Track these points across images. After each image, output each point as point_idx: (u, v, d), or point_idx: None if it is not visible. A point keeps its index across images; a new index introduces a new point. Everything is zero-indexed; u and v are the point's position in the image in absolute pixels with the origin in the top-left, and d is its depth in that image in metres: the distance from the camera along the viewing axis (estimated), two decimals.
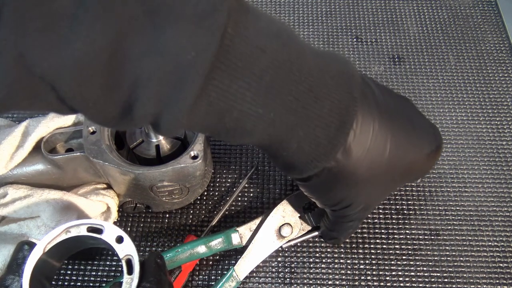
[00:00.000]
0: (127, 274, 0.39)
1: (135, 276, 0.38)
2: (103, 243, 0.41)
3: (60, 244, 0.40)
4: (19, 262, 0.39)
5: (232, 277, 0.52)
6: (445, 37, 0.73)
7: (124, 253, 0.40)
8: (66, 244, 0.41)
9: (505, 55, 0.71)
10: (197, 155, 0.47)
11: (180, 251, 0.52)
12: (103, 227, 0.41)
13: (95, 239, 0.41)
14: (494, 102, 0.66)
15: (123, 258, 0.39)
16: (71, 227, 0.41)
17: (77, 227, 0.41)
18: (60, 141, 0.51)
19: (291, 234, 0.54)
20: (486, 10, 0.75)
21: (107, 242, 0.40)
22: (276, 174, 0.61)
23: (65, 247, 0.42)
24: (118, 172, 0.48)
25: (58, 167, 0.50)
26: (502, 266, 0.55)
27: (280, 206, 0.55)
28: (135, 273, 0.39)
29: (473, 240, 0.56)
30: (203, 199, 0.60)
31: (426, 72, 0.70)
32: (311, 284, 0.54)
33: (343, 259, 0.56)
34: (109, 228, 0.41)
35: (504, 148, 0.63)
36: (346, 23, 0.75)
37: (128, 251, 0.40)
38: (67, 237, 0.40)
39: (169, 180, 0.49)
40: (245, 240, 0.54)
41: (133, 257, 0.39)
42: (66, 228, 0.40)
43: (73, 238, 0.41)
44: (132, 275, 0.39)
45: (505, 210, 0.58)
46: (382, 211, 0.58)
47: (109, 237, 0.40)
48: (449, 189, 0.60)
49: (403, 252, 0.56)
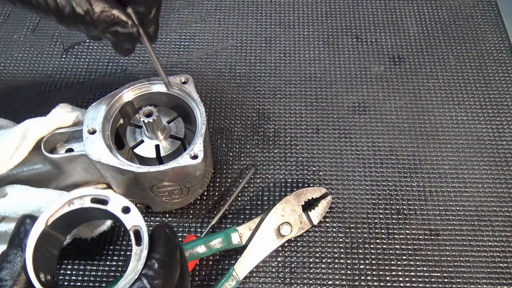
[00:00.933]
0: (136, 246, 0.37)
1: (144, 247, 0.36)
2: (109, 215, 0.39)
3: (64, 216, 0.38)
4: (21, 236, 0.37)
5: (232, 277, 0.52)
6: (445, 37, 0.73)
7: (132, 224, 0.38)
8: (70, 217, 0.39)
9: (505, 55, 0.71)
10: (197, 155, 0.47)
11: None
12: (108, 198, 0.39)
13: (100, 210, 0.39)
14: (494, 102, 0.66)
15: (130, 229, 0.37)
16: (74, 199, 0.39)
17: (80, 199, 0.39)
18: (60, 141, 0.51)
19: (291, 233, 0.54)
20: (486, 10, 0.75)
21: (113, 213, 0.38)
22: (276, 174, 0.61)
23: (69, 219, 0.40)
24: (118, 172, 0.47)
25: (58, 167, 0.50)
26: (502, 266, 0.55)
27: (279, 205, 0.55)
28: (144, 243, 0.37)
29: (473, 240, 0.56)
30: (203, 199, 0.60)
31: (426, 72, 0.70)
32: (311, 284, 0.54)
33: (343, 259, 0.56)
34: (114, 199, 0.39)
35: (504, 148, 0.63)
36: (346, 23, 0.75)
37: (136, 222, 0.38)
38: (71, 209, 0.38)
39: (169, 180, 0.49)
40: (244, 239, 0.54)
41: (141, 228, 0.37)
42: (69, 199, 0.38)
43: (76, 210, 0.39)
44: (141, 246, 0.37)
45: (505, 210, 0.58)
46: (382, 211, 0.58)
47: (115, 208, 0.38)
48: (449, 189, 0.60)
49: (403, 252, 0.56)
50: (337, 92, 0.68)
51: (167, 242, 0.38)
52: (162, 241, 0.38)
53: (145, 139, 0.51)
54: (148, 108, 0.48)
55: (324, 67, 0.70)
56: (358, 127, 0.65)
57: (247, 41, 0.73)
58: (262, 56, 0.72)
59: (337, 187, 0.60)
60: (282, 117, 0.66)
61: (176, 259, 0.38)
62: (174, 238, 0.39)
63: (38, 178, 0.52)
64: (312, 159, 0.62)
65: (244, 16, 0.76)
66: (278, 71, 0.70)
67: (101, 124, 0.48)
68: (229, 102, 0.67)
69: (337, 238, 0.57)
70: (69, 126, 0.51)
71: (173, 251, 0.38)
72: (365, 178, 0.61)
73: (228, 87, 0.69)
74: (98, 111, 0.49)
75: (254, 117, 0.66)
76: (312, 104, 0.67)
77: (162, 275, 0.36)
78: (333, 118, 0.66)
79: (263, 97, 0.68)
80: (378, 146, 0.63)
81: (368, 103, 0.67)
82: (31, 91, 0.68)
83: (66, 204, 0.38)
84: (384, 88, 0.68)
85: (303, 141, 0.64)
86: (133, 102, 0.52)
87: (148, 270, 0.36)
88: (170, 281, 0.37)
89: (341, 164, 0.62)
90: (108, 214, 0.39)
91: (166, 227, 0.39)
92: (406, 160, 0.62)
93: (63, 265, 0.55)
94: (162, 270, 0.36)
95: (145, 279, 0.36)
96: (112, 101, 0.50)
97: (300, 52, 0.72)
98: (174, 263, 0.38)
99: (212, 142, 0.64)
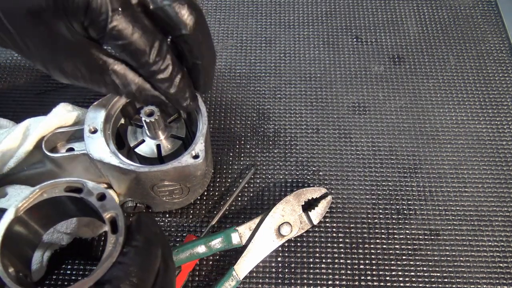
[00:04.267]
0: (112, 234, 0.35)
1: (120, 235, 0.34)
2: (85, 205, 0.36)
3: (37, 207, 0.36)
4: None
5: (232, 277, 0.52)
6: (445, 37, 0.73)
7: (107, 211, 0.36)
8: (45, 208, 0.37)
9: (505, 55, 0.71)
10: (199, 155, 0.47)
11: (180, 251, 0.52)
12: (83, 186, 0.36)
13: (75, 200, 0.36)
14: (494, 102, 0.66)
15: (106, 217, 0.35)
16: (47, 187, 0.36)
17: (53, 187, 0.36)
18: (61, 140, 0.51)
19: (291, 233, 0.55)
20: (486, 10, 0.76)
21: (88, 201, 0.36)
22: (276, 174, 0.61)
23: (45, 211, 0.37)
24: (119, 171, 0.47)
25: (59, 167, 0.50)
26: (502, 266, 0.55)
27: (279, 205, 0.55)
28: (120, 231, 0.35)
29: (473, 240, 0.56)
30: (203, 199, 0.60)
31: (426, 72, 0.70)
32: (311, 284, 0.54)
33: (343, 259, 0.56)
34: (89, 186, 0.36)
35: (504, 148, 0.63)
36: (346, 23, 0.75)
37: (112, 209, 0.36)
38: (43, 198, 0.36)
39: (170, 179, 0.49)
40: (244, 239, 0.54)
41: (118, 215, 0.35)
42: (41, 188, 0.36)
43: (50, 199, 0.36)
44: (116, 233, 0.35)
45: (505, 210, 0.58)
46: (382, 211, 0.58)
47: (90, 196, 0.36)
48: (449, 189, 0.60)
49: (403, 252, 0.56)
50: (337, 92, 0.68)
51: (145, 230, 0.36)
52: (140, 229, 0.36)
53: (146, 138, 0.51)
54: (150, 107, 0.48)
55: (324, 67, 0.70)
56: (358, 127, 0.65)
57: (247, 41, 0.73)
58: (262, 56, 0.72)
59: (337, 187, 0.60)
60: (282, 117, 0.66)
61: (155, 247, 0.36)
62: (154, 226, 0.38)
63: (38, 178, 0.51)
64: (312, 159, 0.62)
65: (244, 16, 0.76)
66: (278, 71, 0.70)
67: (102, 124, 0.48)
68: (229, 102, 0.67)
69: (337, 238, 0.57)
70: (70, 125, 0.51)
71: (152, 239, 0.36)
72: (365, 178, 0.61)
73: (228, 87, 0.69)
74: (99, 110, 0.49)
75: (254, 117, 0.66)
76: (312, 104, 0.67)
77: (138, 263, 0.34)
78: (333, 118, 0.66)
79: (263, 97, 0.68)
80: (378, 146, 0.63)
81: (368, 103, 0.67)
82: (31, 91, 0.68)
83: (38, 194, 0.36)
84: (384, 88, 0.68)
85: (303, 141, 0.64)
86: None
87: (123, 257, 0.34)
88: (148, 269, 0.35)
89: (341, 164, 0.62)
90: (84, 205, 0.37)
91: (144, 216, 0.38)
92: (406, 160, 0.62)
93: (63, 265, 0.55)
94: (138, 257, 0.35)
95: (120, 267, 0.34)
96: (113, 101, 0.50)
97: (300, 52, 0.72)
98: (152, 251, 0.36)
99: (212, 142, 0.64)
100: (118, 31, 0.38)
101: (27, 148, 0.49)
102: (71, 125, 0.51)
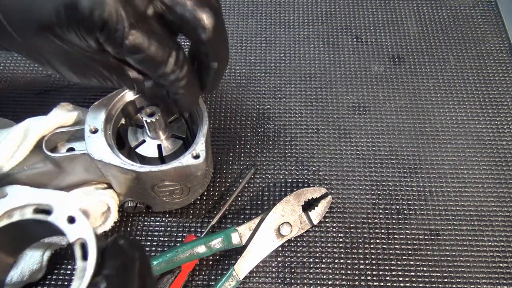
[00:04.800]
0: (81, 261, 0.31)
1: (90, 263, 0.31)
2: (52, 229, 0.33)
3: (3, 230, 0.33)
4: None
5: (232, 277, 0.52)
6: (445, 37, 0.73)
7: (76, 236, 0.32)
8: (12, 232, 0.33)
9: (505, 55, 0.71)
10: (199, 155, 0.47)
11: (180, 251, 0.52)
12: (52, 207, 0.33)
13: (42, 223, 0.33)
14: (494, 102, 0.67)
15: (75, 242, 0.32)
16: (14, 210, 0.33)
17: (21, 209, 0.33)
18: (61, 140, 0.51)
19: (291, 233, 0.55)
20: (486, 10, 0.76)
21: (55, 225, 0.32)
22: (276, 174, 0.61)
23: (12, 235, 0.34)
24: (120, 171, 0.47)
25: (59, 167, 0.50)
26: (502, 266, 0.55)
27: (279, 205, 0.55)
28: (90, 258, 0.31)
29: (473, 240, 0.56)
30: (203, 199, 0.60)
31: (426, 72, 0.70)
32: (311, 284, 0.54)
33: (343, 259, 0.56)
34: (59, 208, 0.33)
35: (504, 148, 0.63)
36: (346, 23, 0.75)
37: (81, 234, 0.32)
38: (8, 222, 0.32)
39: (170, 179, 0.49)
40: (244, 239, 0.54)
41: (87, 241, 0.31)
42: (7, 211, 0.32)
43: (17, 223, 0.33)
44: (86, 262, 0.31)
45: (505, 210, 0.58)
46: (382, 211, 0.58)
47: (59, 218, 0.32)
48: (449, 189, 0.60)
49: (403, 252, 0.56)
50: (337, 92, 0.68)
51: (118, 256, 0.32)
52: (113, 255, 0.32)
53: (147, 139, 0.51)
54: (151, 107, 0.48)
55: (324, 67, 0.70)
56: (358, 127, 0.65)
57: (247, 41, 0.73)
58: (262, 56, 0.72)
59: (337, 187, 0.60)
60: (282, 117, 0.66)
61: (130, 275, 0.32)
62: (131, 250, 0.33)
63: (38, 178, 0.51)
64: (312, 159, 0.62)
65: (244, 16, 0.76)
66: (278, 71, 0.70)
67: (102, 124, 0.48)
68: (229, 102, 0.67)
69: (337, 238, 0.57)
70: (70, 125, 0.51)
71: (127, 266, 0.32)
72: (365, 178, 0.61)
73: (228, 87, 0.69)
74: (100, 110, 0.49)
75: (254, 117, 0.66)
76: (312, 104, 0.67)
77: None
78: (333, 118, 0.66)
79: (263, 97, 0.68)
80: (378, 146, 0.63)
81: (368, 103, 0.67)
82: (31, 91, 0.68)
83: (4, 216, 0.33)
84: (384, 88, 0.68)
85: (303, 141, 0.64)
86: (135, 101, 0.52)
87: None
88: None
89: (341, 164, 0.62)
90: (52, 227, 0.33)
91: (121, 239, 0.33)
92: (406, 160, 0.62)
93: (63, 265, 0.55)
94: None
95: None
96: (114, 101, 0.50)
97: (300, 52, 0.72)
98: (127, 280, 0.32)
99: (212, 142, 0.64)
100: (134, 45, 0.36)
101: (27, 148, 0.49)
102: (71, 125, 0.51)
